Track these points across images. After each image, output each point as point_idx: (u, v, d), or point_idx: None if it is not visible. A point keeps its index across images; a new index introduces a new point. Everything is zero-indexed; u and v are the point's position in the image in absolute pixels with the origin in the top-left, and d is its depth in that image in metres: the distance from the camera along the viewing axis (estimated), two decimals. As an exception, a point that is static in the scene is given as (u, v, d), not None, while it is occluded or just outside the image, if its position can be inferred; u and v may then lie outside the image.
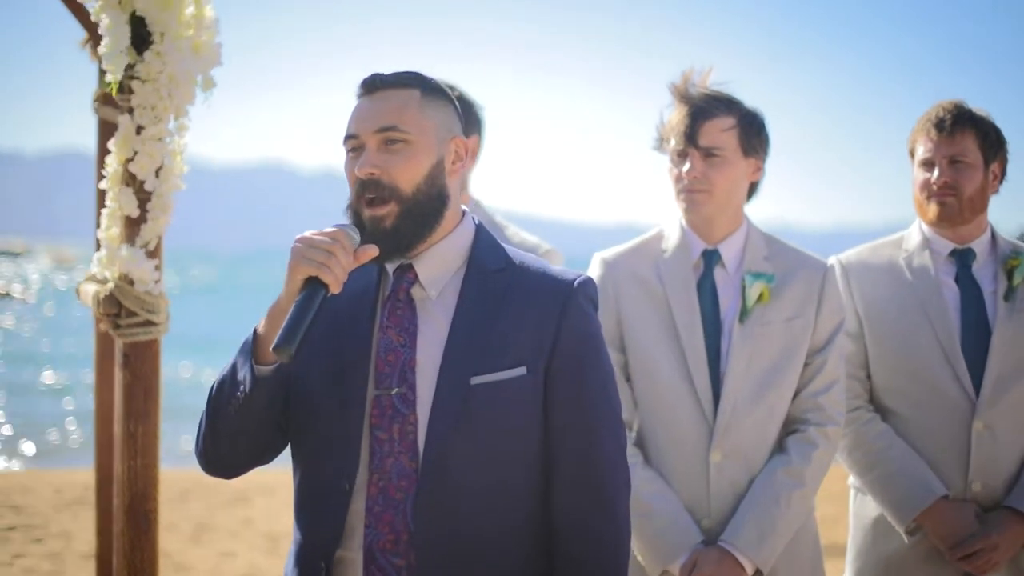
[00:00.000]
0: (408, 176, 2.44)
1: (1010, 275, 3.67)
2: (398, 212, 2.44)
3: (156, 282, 3.80)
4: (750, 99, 3.54)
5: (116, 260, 3.77)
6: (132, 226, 3.77)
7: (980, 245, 3.73)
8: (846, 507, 3.93)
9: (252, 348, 2.43)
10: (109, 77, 3.64)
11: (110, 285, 3.77)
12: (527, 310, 2.46)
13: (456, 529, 2.39)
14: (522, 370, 2.42)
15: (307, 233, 2.40)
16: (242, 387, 2.43)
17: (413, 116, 2.46)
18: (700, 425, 3.39)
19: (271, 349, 2.32)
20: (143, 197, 3.76)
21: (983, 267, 3.71)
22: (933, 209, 3.66)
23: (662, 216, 3.73)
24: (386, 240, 2.44)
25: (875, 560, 3.67)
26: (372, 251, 2.41)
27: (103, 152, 4.26)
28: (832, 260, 3.74)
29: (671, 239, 3.56)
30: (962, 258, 3.71)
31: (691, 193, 3.45)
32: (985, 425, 3.56)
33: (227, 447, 2.53)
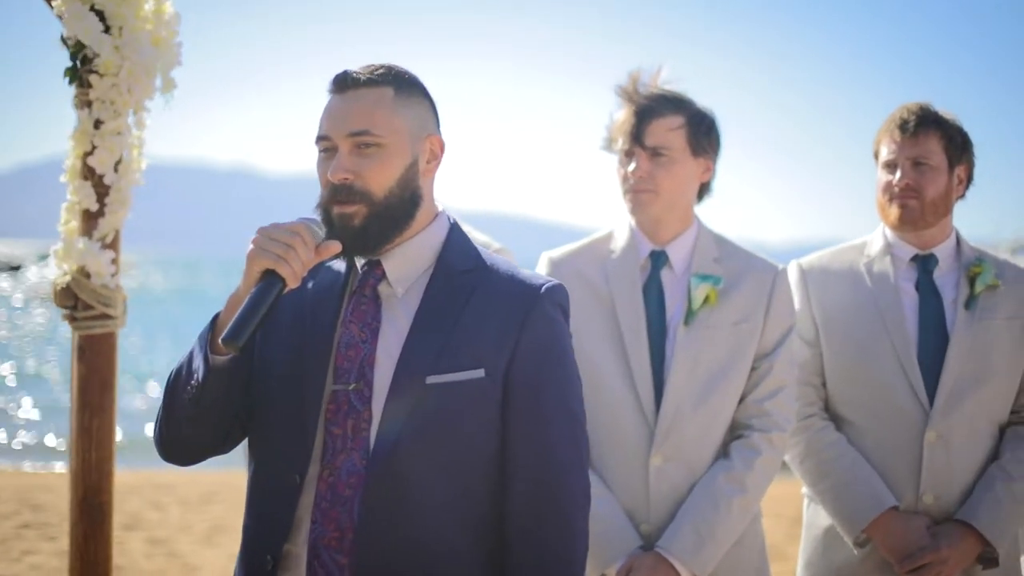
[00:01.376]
0: (380, 180, 2.39)
1: (972, 282, 3.56)
2: (367, 213, 2.39)
3: (112, 275, 3.80)
4: (719, 102, 3.48)
5: (73, 253, 3.78)
6: (90, 219, 3.78)
7: (943, 251, 3.62)
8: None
9: (209, 337, 2.40)
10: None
11: (67, 278, 3.78)
12: (490, 312, 2.40)
13: (401, 531, 2.33)
14: (480, 372, 2.36)
15: (269, 225, 2.36)
16: (196, 375, 2.39)
17: (385, 118, 2.41)
18: (641, 428, 3.32)
19: (220, 340, 2.30)
20: (101, 191, 3.77)
21: (946, 274, 3.61)
22: (894, 212, 3.57)
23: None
24: (353, 239, 2.40)
25: (825, 570, 3.58)
26: (334, 247, 2.38)
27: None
28: (792, 264, 3.67)
29: (619, 240, 3.50)
30: (923, 264, 3.61)
31: (637, 193, 3.39)
32: (938, 435, 3.46)
33: (182, 434, 2.49)
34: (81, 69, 3.72)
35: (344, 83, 2.44)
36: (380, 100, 2.42)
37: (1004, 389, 3.53)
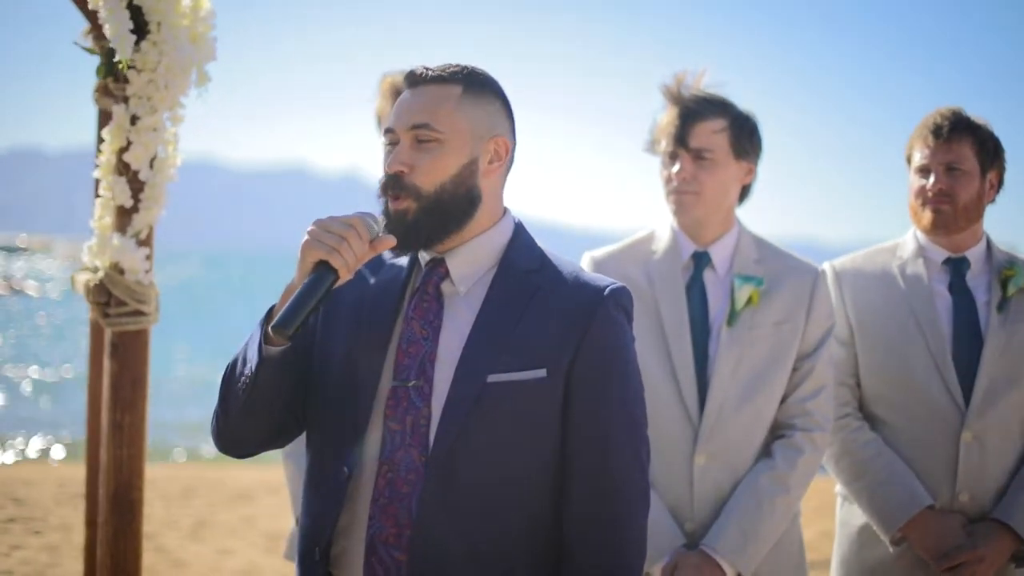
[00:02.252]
0: (432, 176, 2.41)
1: (1004, 285, 3.63)
2: (417, 208, 2.41)
3: (146, 272, 3.79)
4: (748, 103, 3.52)
5: (107, 249, 3.78)
6: (124, 216, 3.77)
7: (975, 254, 3.69)
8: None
9: (263, 327, 2.41)
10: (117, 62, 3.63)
11: (100, 274, 3.77)
12: (553, 313, 2.40)
13: (459, 529, 2.34)
14: (541, 372, 2.36)
15: (325, 217, 2.37)
16: (250, 365, 2.41)
17: (447, 114, 2.42)
18: (685, 428, 3.36)
19: (270, 329, 2.32)
20: (136, 187, 3.76)
21: (977, 276, 3.68)
22: (927, 216, 3.63)
23: (650, 222, 3.71)
24: (406, 233, 2.41)
25: (859, 569, 3.64)
26: (390, 241, 2.39)
27: (102, 142, 4.27)
28: (825, 266, 3.72)
29: (661, 240, 3.54)
30: (956, 267, 3.67)
31: (680, 195, 3.42)
32: (974, 436, 3.53)
33: (236, 425, 2.50)
34: (117, 65, 3.70)
35: (414, 79, 2.48)
36: (446, 97, 2.44)
37: None
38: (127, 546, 3.86)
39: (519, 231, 2.54)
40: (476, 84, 2.47)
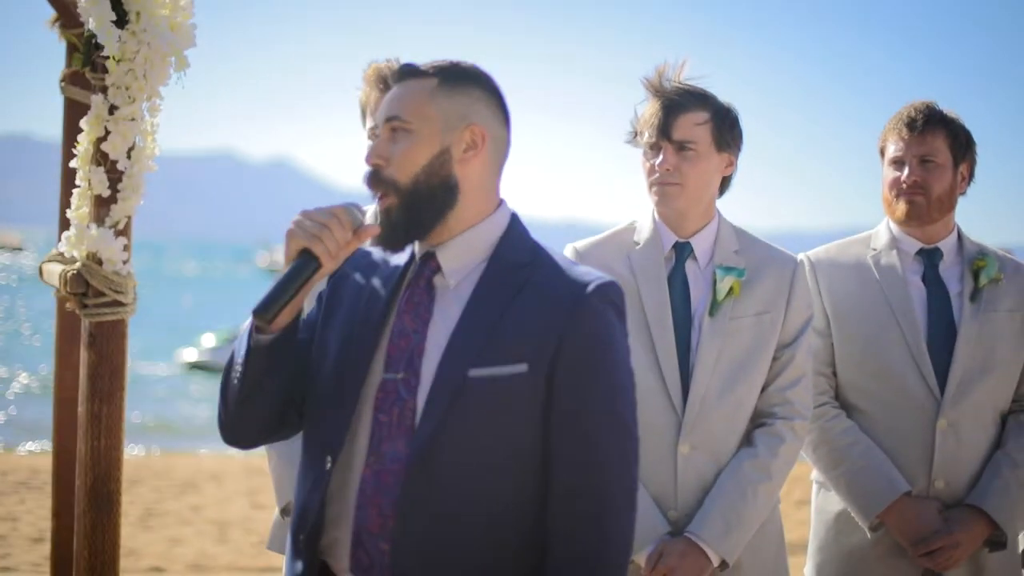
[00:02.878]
0: (406, 167, 2.45)
1: (976, 276, 3.71)
2: (398, 204, 2.45)
3: (124, 262, 3.77)
4: (729, 95, 3.56)
5: (85, 239, 3.75)
6: (102, 206, 3.74)
7: (947, 245, 3.77)
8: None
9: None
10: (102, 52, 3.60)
11: (77, 264, 3.74)
12: (538, 308, 2.42)
13: (439, 521, 2.37)
14: (523, 367, 2.38)
15: (311, 208, 2.43)
16: (241, 355, 2.47)
17: (418, 106, 2.47)
18: (669, 417, 3.40)
19: (252, 313, 2.37)
20: (114, 177, 3.73)
21: (949, 267, 3.76)
22: (902, 208, 3.70)
23: (605, 212, 3.75)
24: (390, 230, 2.46)
25: (837, 555, 3.71)
26: (373, 230, 2.44)
27: (70, 132, 4.24)
28: (801, 257, 3.78)
29: (643, 231, 3.57)
30: (929, 258, 3.75)
31: (663, 186, 3.46)
32: (949, 423, 3.61)
33: (235, 416, 2.56)
34: (95, 54, 3.68)
35: (395, 75, 2.55)
36: (420, 89, 2.49)
37: (1007, 379, 3.69)
38: (105, 538, 3.85)
39: (514, 224, 2.57)
40: (453, 76, 2.51)
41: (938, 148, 3.67)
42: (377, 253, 2.59)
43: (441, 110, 2.47)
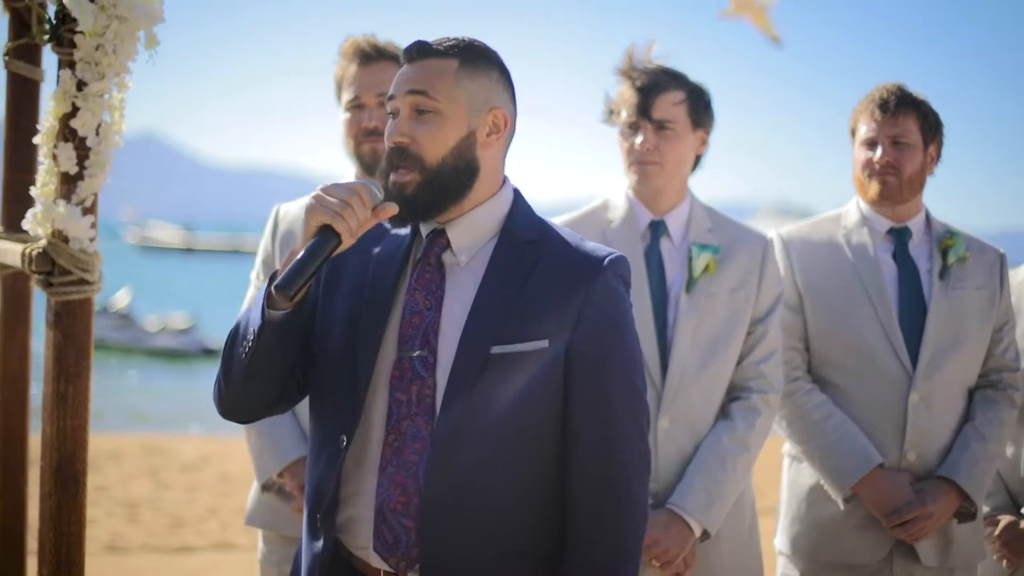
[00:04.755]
0: (433, 148, 2.44)
1: (945, 254, 3.79)
2: (419, 181, 2.44)
3: (91, 240, 3.72)
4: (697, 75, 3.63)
5: (51, 216, 3.70)
6: (69, 183, 3.69)
7: (916, 224, 3.84)
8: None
9: (267, 292, 2.43)
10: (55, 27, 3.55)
11: (42, 242, 3.69)
12: (554, 284, 2.44)
13: (466, 497, 2.39)
14: (543, 343, 2.41)
15: (330, 184, 2.41)
16: (252, 329, 2.44)
17: (445, 86, 2.45)
18: (649, 392, 3.42)
19: (273, 288, 2.35)
20: (82, 154, 3.68)
21: (918, 246, 3.83)
22: (874, 187, 3.75)
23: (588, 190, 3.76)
24: (405, 206, 2.45)
25: (810, 526, 3.75)
26: (391, 208, 2.43)
27: (14, 108, 4.19)
28: (772, 234, 3.82)
29: (617, 209, 3.60)
30: (899, 236, 3.81)
31: (643, 165, 3.49)
32: (921, 397, 3.67)
33: (237, 391, 2.53)
34: (63, 28, 3.63)
35: (411, 53, 2.51)
36: (444, 69, 2.47)
37: (975, 354, 3.77)
38: (71, 519, 3.78)
39: (518, 200, 2.58)
40: (473, 57, 2.50)
41: (909, 129, 3.73)
42: (372, 229, 2.58)
43: (467, 92, 2.47)
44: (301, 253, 2.36)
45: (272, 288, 2.36)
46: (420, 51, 2.49)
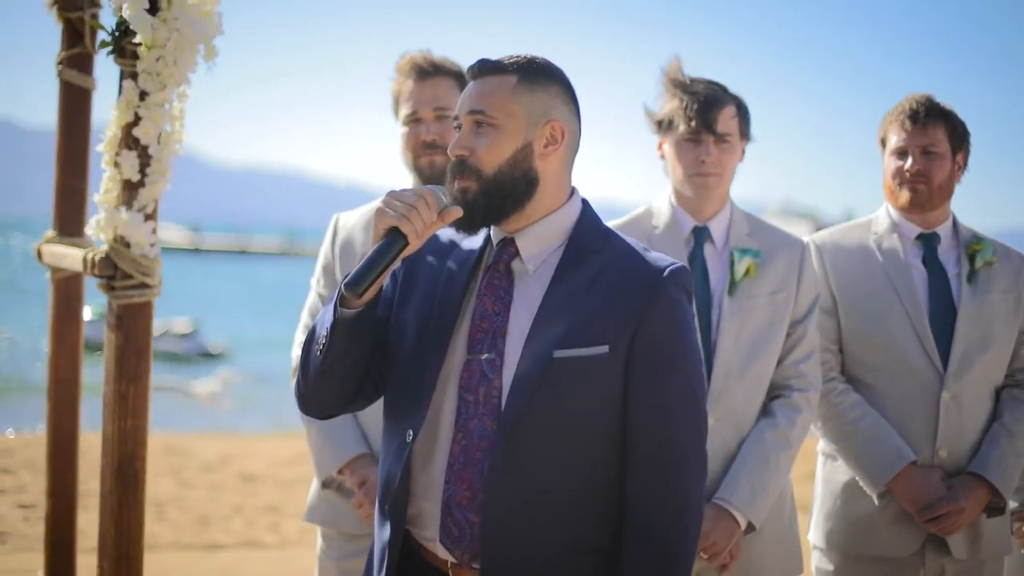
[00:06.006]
0: (490, 158, 2.58)
1: (972, 259, 3.95)
2: (477, 188, 2.57)
3: (152, 245, 3.85)
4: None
5: (114, 222, 3.82)
6: (131, 190, 3.82)
7: (944, 230, 4.00)
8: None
9: (339, 291, 2.57)
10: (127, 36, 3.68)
11: (105, 247, 3.82)
12: (617, 292, 2.55)
13: (527, 494, 2.50)
14: (604, 349, 2.51)
15: (399, 189, 2.55)
16: (326, 327, 2.58)
17: (502, 102, 2.59)
18: None
19: (342, 287, 2.50)
20: (144, 161, 3.81)
21: (947, 251, 3.98)
22: (905, 195, 3.91)
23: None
24: (466, 210, 2.58)
25: (845, 522, 3.90)
26: (456, 211, 2.56)
27: (66, 116, 4.32)
28: (806, 239, 3.97)
29: (661, 216, 3.75)
30: (928, 242, 3.97)
31: (707, 176, 3.65)
32: (952, 396, 3.82)
33: (314, 387, 2.68)
34: (125, 40, 3.76)
35: (474, 71, 2.66)
36: (501, 86, 2.61)
37: (1002, 355, 3.93)
38: (131, 516, 3.92)
39: (586, 211, 2.71)
40: (532, 73, 2.64)
41: (939, 139, 3.89)
42: (446, 237, 2.74)
43: (523, 106, 2.60)
44: (369, 254, 2.50)
45: (343, 286, 2.50)
46: (481, 68, 2.65)
